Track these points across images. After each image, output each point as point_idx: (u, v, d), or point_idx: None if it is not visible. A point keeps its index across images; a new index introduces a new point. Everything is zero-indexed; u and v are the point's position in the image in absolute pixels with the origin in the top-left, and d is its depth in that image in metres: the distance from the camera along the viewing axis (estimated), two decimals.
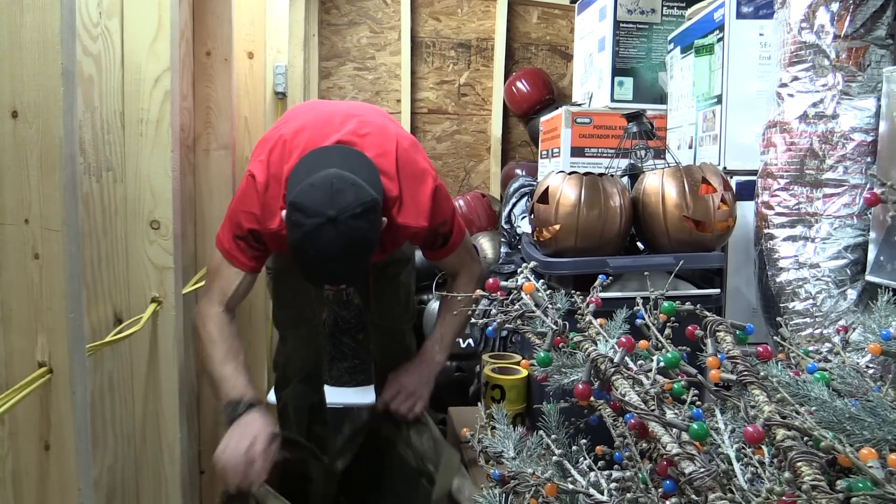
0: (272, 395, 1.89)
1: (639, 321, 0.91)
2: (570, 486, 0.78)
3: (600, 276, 1.05)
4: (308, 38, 2.89)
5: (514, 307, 1.01)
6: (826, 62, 1.23)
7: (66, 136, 0.86)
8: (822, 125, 1.24)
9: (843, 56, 1.21)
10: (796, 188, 1.28)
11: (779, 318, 1.27)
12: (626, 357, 0.81)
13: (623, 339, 0.82)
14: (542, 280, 1.05)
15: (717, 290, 1.52)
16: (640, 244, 1.60)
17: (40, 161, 0.85)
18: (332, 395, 2.01)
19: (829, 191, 1.24)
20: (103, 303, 1.23)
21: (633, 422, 0.78)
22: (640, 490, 0.75)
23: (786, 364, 0.92)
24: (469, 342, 2.32)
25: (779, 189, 1.31)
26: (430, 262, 1.58)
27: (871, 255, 1.17)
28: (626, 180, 1.65)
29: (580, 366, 0.89)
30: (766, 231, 1.33)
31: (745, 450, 0.70)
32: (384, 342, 1.80)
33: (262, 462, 1.24)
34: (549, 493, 0.79)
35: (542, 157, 2.25)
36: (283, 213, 1.23)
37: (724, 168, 1.60)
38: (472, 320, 1.37)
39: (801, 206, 1.27)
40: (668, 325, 0.88)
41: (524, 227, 2.27)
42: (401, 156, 1.35)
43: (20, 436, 0.90)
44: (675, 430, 0.70)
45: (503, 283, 1.03)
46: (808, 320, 1.26)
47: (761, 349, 0.86)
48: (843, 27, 1.21)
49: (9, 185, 0.85)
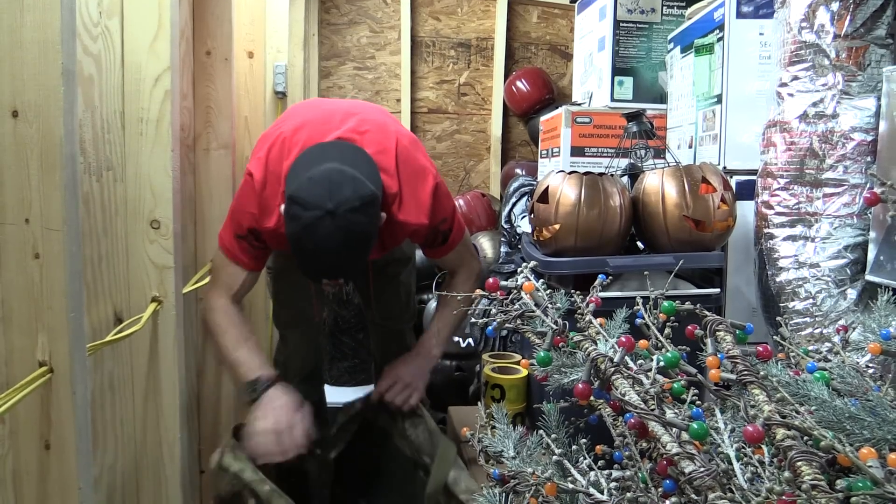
0: None
1: (639, 321, 0.91)
2: (570, 486, 0.78)
3: (600, 276, 1.05)
4: (308, 38, 2.89)
5: (514, 307, 1.01)
6: (826, 62, 1.23)
7: (66, 135, 0.86)
8: (822, 125, 1.24)
9: (843, 55, 1.22)
10: (796, 188, 1.28)
11: (779, 318, 1.27)
12: (626, 356, 0.81)
13: (623, 339, 0.82)
14: (541, 280, 1.05)
15: (717, 290, 1.52)
16: (639, 244, 1.60)
17: (41, 160, 0.85)
18: (332, 395, 2.01)
19: (829, 190, 1.24)
20: (103, 302, 1.23)
21: (632, 421, 0.78)
22: (640, 489, 0.75)
23: (786, 364, 0.91)
24: (469, 342, 2.32)
25: (779, 189, 1.31)
26: (430, 261, 1.57)
27: (871, 255, 1.17)
28: (626, 180, 1.65)
29: (580, 365, 0.88)
30: (765, 231, 1.33)
31: (744, 449, 0.70)
32: (384, 342, 1.80)
33: (298, 430, 1.25)
34: (549, 492, 0.79)
35: (541, 157, 2.25)
36: (282, 208, 1.24)
37: (724, 168, 1.60)
38: (471, 319, 1.37)
39: (801, 205, 1.28)
40: (668, 324, 0.88)
41: (524, 226, 2.27)
42: (401, 153, 1.35)
43: (21, 435, 0.90)
44: (674, 429, 0.70)
45: (503, 283, 1.03)
46: (807, 320, 1.26)
47: (761, 349, 0.86)
48: (843, 27, 1.21)
49: (9, 184, 0.85)
